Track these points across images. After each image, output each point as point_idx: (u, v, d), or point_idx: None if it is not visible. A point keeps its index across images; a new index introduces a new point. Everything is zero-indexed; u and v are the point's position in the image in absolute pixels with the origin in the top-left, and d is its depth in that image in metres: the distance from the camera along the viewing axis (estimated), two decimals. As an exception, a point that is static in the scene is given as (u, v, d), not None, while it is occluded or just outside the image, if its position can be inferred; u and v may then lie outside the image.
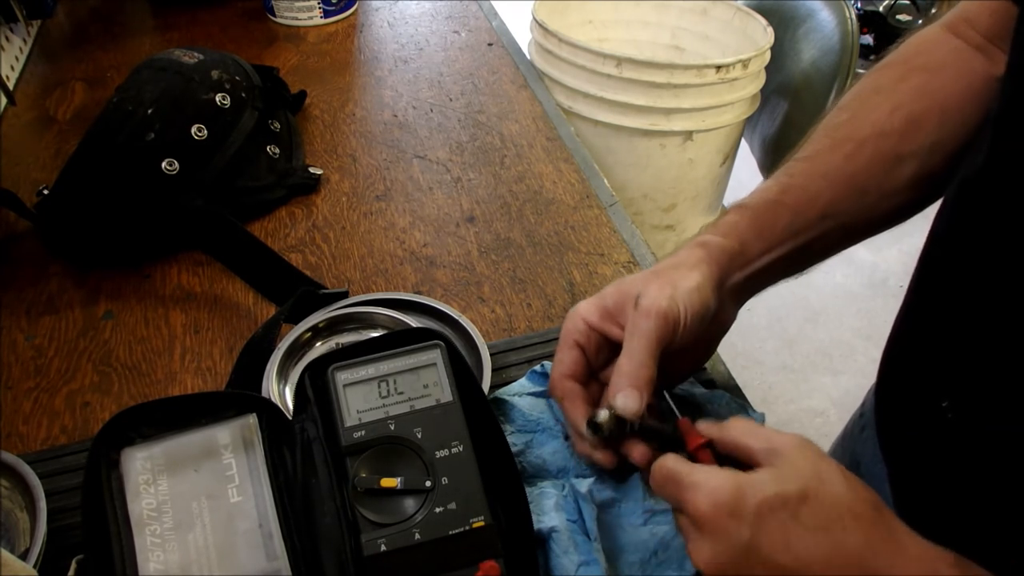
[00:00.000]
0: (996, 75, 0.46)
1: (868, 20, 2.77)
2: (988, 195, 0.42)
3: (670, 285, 0.46)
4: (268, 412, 0.48)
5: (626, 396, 0.44)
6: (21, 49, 1.07)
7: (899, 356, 0.52)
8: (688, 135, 1.26)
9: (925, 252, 0.49)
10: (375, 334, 0.61)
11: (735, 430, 0.42)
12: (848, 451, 0.68)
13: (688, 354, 0.49)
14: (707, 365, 0.63)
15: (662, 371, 0.48)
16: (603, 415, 0.45)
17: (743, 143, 1.44)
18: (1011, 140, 0.40)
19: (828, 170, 0.51)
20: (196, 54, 0.80)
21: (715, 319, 0.49)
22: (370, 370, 0.46)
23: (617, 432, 0.45)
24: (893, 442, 0.53)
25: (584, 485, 0.51)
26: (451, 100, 1.01)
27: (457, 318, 0.63)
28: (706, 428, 0.44)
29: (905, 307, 0.52)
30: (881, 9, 2.75)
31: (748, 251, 0.50)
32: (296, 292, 0.62)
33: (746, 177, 1.52)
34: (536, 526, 0.47)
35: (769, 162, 1.40)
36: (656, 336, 0.45)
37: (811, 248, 0.51)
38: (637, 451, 0.46)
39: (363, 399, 0.45)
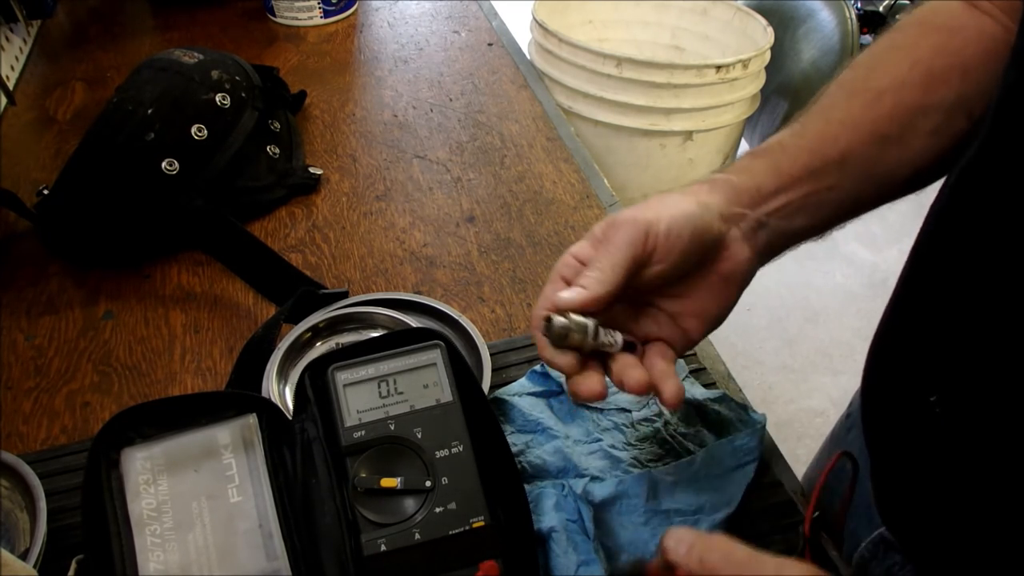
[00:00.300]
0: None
1: (868, 20, 2.77)
2: (986, 182, 0.41)
3: (655, 204, 0.44)
4: (268, 412, 0.48)
5: (569, 292, 0.42)
6: (21, 49, 1.07)
7: (887, 349, 0.51)
8: (688, 135, 1.26)
9: (918, 242, 0.48)
10: (375, 334, 0.61)
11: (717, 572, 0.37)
12: (836, 450, 0.68)
13: (696, 297, 0.46)
14: (707, 365, 0.63)
15: (675, 326, 0.46)
16: (556, 317, 0.42)
17: (743, 143, 1.44)
18: (1012, 127, 0.39)
19: (845, 117, 0.48)
20: (196, 54, 0.80)
21: (723, 257, 0.46)
22: (370, 370, 0.46)
23: (576, 336, 0.42)
24: (879, 437, 0.53)
25: (580, 485, 0.51)
26: (451, 100, 1.01)
27: (457, 318, 0.63)
28: (682, 558, 0.38)
29: (894, 300, 0.50)
30: (881, 9, 2.75)
31: (762, 187, 0.46)
32: (296, 292, 0.62)
33: (746, 177, 1.52)
34: (536, 526, 0.47)
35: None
36: (624, 243, 0.42)
37: (832, 196, 0.47)
38: (633, 378, 0.43)
39: (363, 399, 0.45)
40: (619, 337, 0.45)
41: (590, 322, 0.42)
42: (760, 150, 0.48)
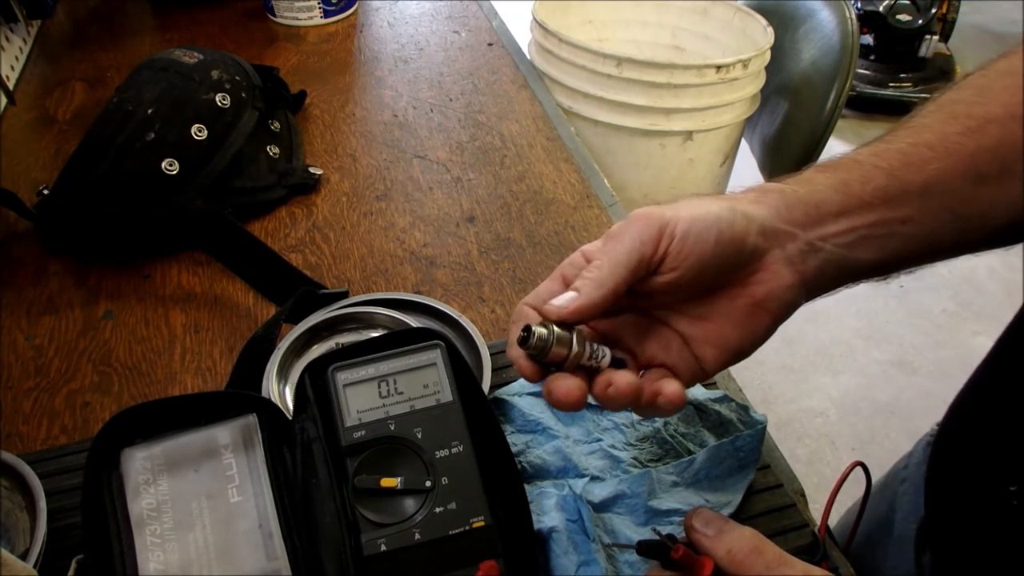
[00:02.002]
0: None
1: (868, 20, 2.78)
2: None
3: (681, 203, 0.38)
4: (268, 412, 0.48)
5: (560, 298, 0.37)
6: (21, 49, 1.07)
7: (964, 432, 0.46)
8: (688, 135, 1.26)
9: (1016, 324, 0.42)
10: (375, 334, 0.61)
11: (744, 567, 0.36)
12: (887, 501, 0.64)
13: (718, 322, 0.40)
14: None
15: (687, 352, 0.40)
16: (537, 328, 0.37)
17: (743, 143, 1.44)
18: None
19: (937, 142, 0.40)
20: (196, 54, 0.80)
21: (757, 279, 0.39)
22: (370, 370, 0.46)
23: (558, 351, 0.37)
24: (944, 519, 0.48)
25: (580, 485, 0.51)
26: (451, 100, 1.01)
27: (457, 318, 0.63)
28: (709, 541, 0.38)
29: (980, 381, 0.44)
30: (881, 9, 2.75)
31: (823, 204, 0.39)
32: (296, 292, 0.62)
33: (746, 177, 1.52)
34: (536, 526, 0.47)
35: (769, 162, 1.40)
36: (632, 240, 0.37)
37: (904, 230, 0.39)
38: (623, 381, 0.37)
39: (363, 399, 0.45)
40: (607, 353, 0.39)
41: (574, 336, 0.37)
42: (829, 163, 0.42)
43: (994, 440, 0.43)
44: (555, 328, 0.37)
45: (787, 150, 1.31)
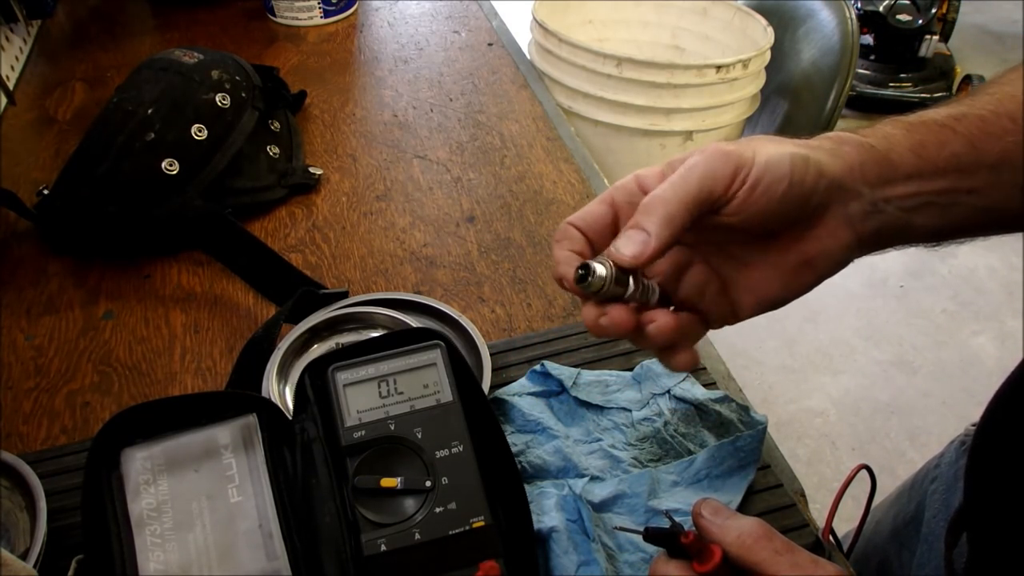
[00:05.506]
0: None
1: (868, 20, 2.78)
2: None
3: (754, 142, 0.36)
4: (268, 412, 0.48)
5: (629, 243, 0.35)
6: (21, 49, 1.07)
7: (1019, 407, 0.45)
8: (688, 135, 1.26)
9: None
10: (375, 334, 0.61)
11: (754, 551, 0.37)
12: (915, 500, 0.64)
13: (761, 270, 0.39)
14: (707, 365, 0.63)
15: (723, 296, 0.40)
16: (597, 267, 0.35)
17: (743, 143, 1.44)
18: None
19: (1021, 113, 0.38)
20: (196, 54, 0.80)
21: (813, 236, 0.38)
22: (370, 370, 0.46)
23: (617, 290, 0.36)
24: (983, 492, 0.48)
25: (580, 485, 0.51)
26: (451, 100, 1.01)
27: (457, 318, 0.63)
28: (717, 528, 0.38)
29: None
30: (881, 9, 2.75)
31: (897, 164, 0.37)
32: (296, 292, 0.62)
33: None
34: (536, 526, 0.47)
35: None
36: (702, 174, 0.35)
37: (969, 201, 0.38)
38: (664, 321, 0.37)
39: (363, 399, 0.45)
40: (656, 291, 0.38)
41: (631, 279, 0.36)
42: (907, 120, 0.39)
43: None
44: (614, 269, 0.35)
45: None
